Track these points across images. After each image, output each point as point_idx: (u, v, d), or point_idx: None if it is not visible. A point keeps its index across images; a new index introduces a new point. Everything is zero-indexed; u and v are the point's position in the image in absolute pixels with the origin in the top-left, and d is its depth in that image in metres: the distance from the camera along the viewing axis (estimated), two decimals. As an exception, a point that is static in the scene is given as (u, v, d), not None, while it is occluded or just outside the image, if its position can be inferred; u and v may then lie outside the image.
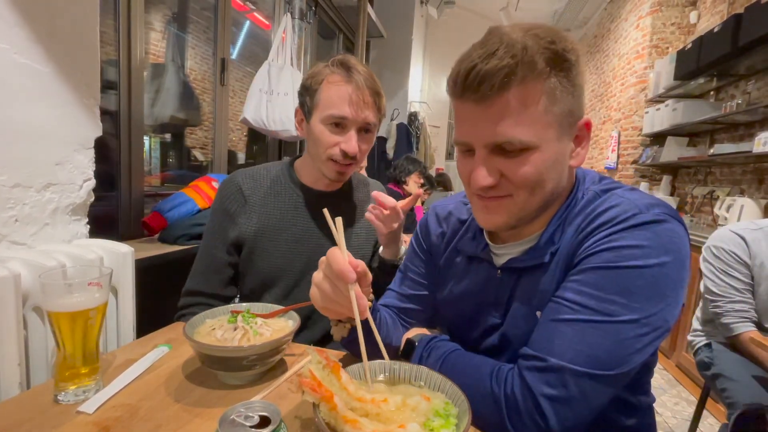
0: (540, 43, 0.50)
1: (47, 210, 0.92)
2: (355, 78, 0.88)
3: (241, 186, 0.98)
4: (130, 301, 1.01)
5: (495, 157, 0.55)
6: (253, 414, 0.42)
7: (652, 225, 0.51)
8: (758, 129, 2.70)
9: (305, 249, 0.97)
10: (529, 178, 0.54)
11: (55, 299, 0.56)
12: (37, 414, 0.54)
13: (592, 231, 0.55)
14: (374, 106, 0.91)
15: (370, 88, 0.89)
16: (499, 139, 0.53)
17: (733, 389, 1.21)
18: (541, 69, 0.50)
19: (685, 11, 3.79)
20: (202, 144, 2.37)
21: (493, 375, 0.56)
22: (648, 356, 0.52)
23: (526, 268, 0.62)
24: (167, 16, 2.06)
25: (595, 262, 0.52)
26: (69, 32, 0.93)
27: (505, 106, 0.51)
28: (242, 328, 0.66)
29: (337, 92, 0.88)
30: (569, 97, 0.53)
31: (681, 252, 0.52)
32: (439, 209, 0.81)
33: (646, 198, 0.55)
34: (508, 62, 0.49)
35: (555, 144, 0.54)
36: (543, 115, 0.52)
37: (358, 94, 0.88)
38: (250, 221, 0.96)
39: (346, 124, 0.90)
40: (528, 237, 0.63)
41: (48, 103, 0.90)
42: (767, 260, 1.27)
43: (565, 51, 0.51)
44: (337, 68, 0.90)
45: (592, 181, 0.62)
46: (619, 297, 0.50)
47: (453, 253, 0.75)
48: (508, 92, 0.51)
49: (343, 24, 3.92)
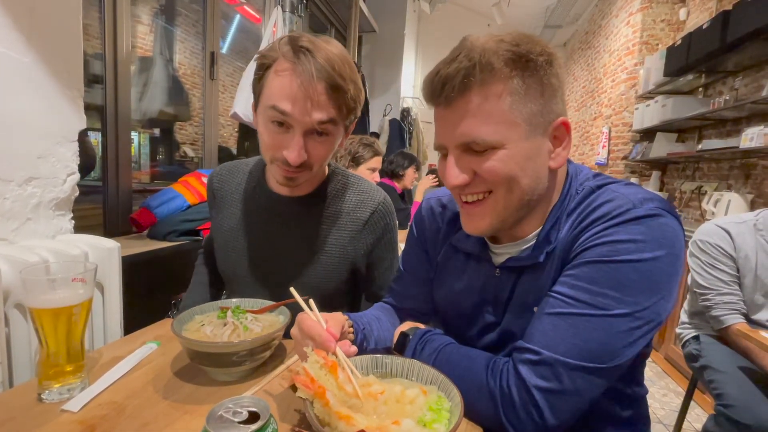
0: (501, 46, 0.52)
1: (29, 204, 0.90)
2: (305, 67, 0.68)
3: (213, 179, 0.95)
4: (117, 297, 1.00)
5: (466, 157, 0.57)
6: (241, 410, 0.41)
7: (645, 219, 0.52)
8: (745, 125, 2.74)
9: (263, 256, 0.87)
10: (499, 174, 0.55)
11: (38, 295, 0.54)
12: (20, 413, 0.52)
13: (587, 226, 0.55)
14: (331, 104, 0.71)
15: (326, 80, 0.68)
16: (466, 138, 0.55)
17: (720, 381, 1.23)
18: (499, 69, 0.52)
19: (674, 8, 3.82)
20: (192, 139, 2.34)
21: (489, 368, 0.56)
22: (641, 348, 0.52)
23: (525, 267, 0.62)
24: (155, 8, 2.02)
25: (589, 257, 0.53)
26: (50, 21, 0.91)
27: (468, 107, 0.54)
28: (232, 324, 0.65)
29: (280, 83, 0.69)
30: (538, 97, 0.54)
31: (675, 246, 0.52)
32: (434, 202, 0.80)
33: (641, 192, 0.55)
34: (465, 65, 0.52)
35: (523, 143, 0.55)
36: (507, 115, 0.53)
37: (306, 89, 0.68)
38: (216, 217, 0.93)
39: (290, 124, 0.71)
40: (525, 237, 0.63)
41: (29, 94, 0.87)
42: (751, 253, 1.30)
43: (530, 53, 0.52)
44: (288, 50, 0.69)
45: (587, 177, 0.62)
46: (613, 291, 0.51)
47: (450, 250, 0.74)
48: (470, 94, 0.53)
49: (334, 18, 3.88)
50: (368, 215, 0.87)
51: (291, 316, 0.69)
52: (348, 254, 0.86)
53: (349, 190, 0.89)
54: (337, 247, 0.86)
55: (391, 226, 0.91)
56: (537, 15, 5.84)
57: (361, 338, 0.67)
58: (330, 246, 0.86)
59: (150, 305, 0.98)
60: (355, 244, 0.86)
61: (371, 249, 0.89)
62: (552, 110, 0.56)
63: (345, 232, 0.86)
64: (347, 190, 0.88)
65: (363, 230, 0.86)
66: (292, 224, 0.86)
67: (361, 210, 0.87)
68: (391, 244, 0.92)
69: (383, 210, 0.88)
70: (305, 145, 0.72)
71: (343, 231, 0.86)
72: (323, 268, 0.85)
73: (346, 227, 0.86)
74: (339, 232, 0.86)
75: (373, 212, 0.87)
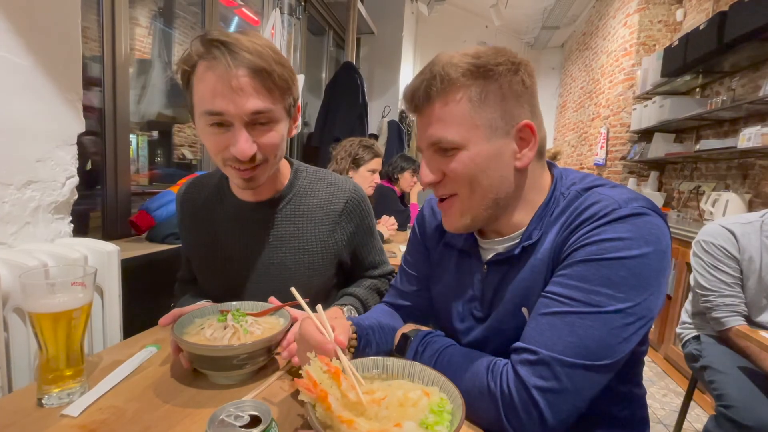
0: (463, 59, 0.58)
1: (28, 208, 0.89)
2: (220, 59, 0.65)
3: (182, 194, 0.93)
4: (117, 301, 0.99)
5: (437, 158, 0.62)
6: (243, 414, 0.41)
7: (631, 218, 0.54)
8: (742, 125, 2.75)
9: (246, 266, 0.85)
10: (460, 173, 0.60)
11: (37, 300, 0.54)
12: (20, 418, 0.52)
13: (576, 228, 0.57)
14: (260, 89, 0.68)
15: (245, 66, 0.66)
16: (432, 139, 0.61)
17: (721, 381, 1.23)
18: (456, 79, 0.58)
19: (671, 9, 3.84)
20: (190, 141, 2.34)
21: (489, 370, 0.57)
22: (635, 345, 0.53)
23: (510, 264, 0.64)
24: (153, 11, 2.02)
25: (579, 256, 0.55)
26: (49, 24, 0.90)
27: (433, 113, 0.60)
28: (232, 327, 0.65)
29: (204, 84, 0.67)
30: (498, 103, 0.58)
31: (661, 242, 0.54)
32: (434, 202, 0.81)
33: (626, 193, 0.58)
34: (428, 77, 0.59)
35: (484, 144, 0.59)
36: (468, 119, 0.58)
37: (227, 80, 0.65)
38: (188, 236, 0.92)
39: (228, 122, 0.69)
40: (510, 234, 0.66)
41: (28, 98, 0.87)
42: (756, 254, 1.29)
43: (488, 63, 0.58)
44: (200, 49, 0.68)
45: (573, 182, 0.64)
46: (605, 288, 0.52)
47: (445, 248, 0.77)
48: (434, 101, 0.60)
49: (332, 20, 3.89)
50: (342, 205, 0.87)
51: (291, 319, 0.69)
52: (329, 248, 0.86)
53: (317, 185, 0.88)
54: (318, 243, 0.85)
55: (367, 211, 0.92)
56: (534, 16, 5.86)
57: (364, 344, 0.67)
58: (310, 243, 0.85)
59: (149, 308, 0.98)
60: (335, 236, 0.87)
61: (351, 237, 0.89)
62: (515, 114, 0.59)
63: (322, 226, 0.86)
64: (315, 185, 0.88)
65: (340, 221, 0.87)
66: (264, 229, 0.85)
67: (334, 202, 0.87)
68: (370, 229, 0.93)
69: (356, 197, 0.89)
70: (251, 138, 0.70)
71: (320, 225, 0.86)
72: (307, 266, 0.85)
73: (323, 221, 0.86)
74: (316, 228, 0.85)
75: (347, 201, 0.88)
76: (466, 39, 6.13)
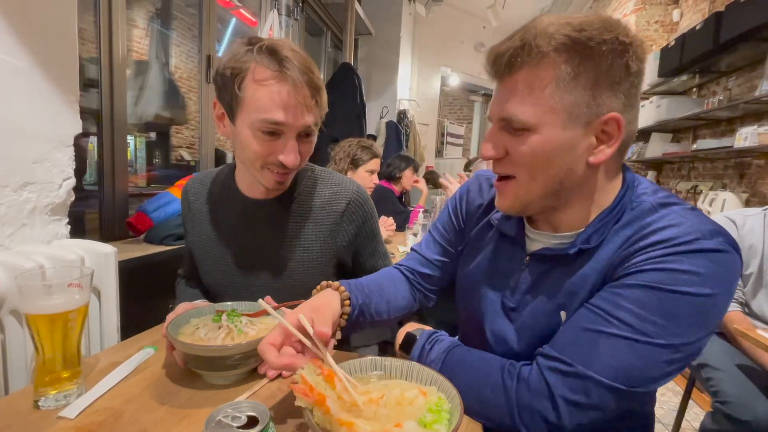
0: (562, 30, 0.50)
1: (25, 210, 0.89)
2: (289, 74, 0.70)
3: (189, 191, 0.94)
4: (114, 302, 0.99)
5: (504, 134, 0.57)
6: (240, 414, 0.41)
7: (713, 254, 0.49)
8: (739, 125, 2.76)
9: (247, 262, 0.87)
10: (526, 157, 0.55)
11: (33, 301, 0.54)
12: (17, 420, 0.52)
13: (645, 247, 0.52)
14: (313, 105, 0.74)
15: (308, 84, 0.72)
16: (504, 114, 0.55)
17: (718, 378, 1.24)
18: (547, 54, 0.51)
19: (668, 9, 3.85)
20: (188, 143, 2.33)
21: (505, 369, 0.56)
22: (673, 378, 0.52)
23: (557, 262, 0.60)
24: (150, 12, 2.02)
25: (643, 280, 0.50)
26: (46, 25, 0.90)
27: (514, 86, 0.54)
28: (226, 327, 0.65)
29: (268, 94, 0.70)
30: (587, 87, 0.51)
31: (732, 285, 0.51)
32: (483, 179, 0.79)
33: (709, 224, 0.52)
34: (516, 44, 0.52)
35: (558, 131, 0.53)
36: (547, 100, 0.52)
37: (295, 95, 0.70)
38: (193, 230, 0.92)
39: (282, 131, 0.73)
40: (566, 233, 0.61)
41: (24, 99, 0.87)
42: (757, 242, 1.33)
43: (590, 40, 0.49)
44: (265, 58, 0.70)
45: (644, 191, 0.59)
46: (663, 319, 0.49)
47: (486, 227, 0.73)
48: (519, 73, 0.53)
49: (330, 21, 3.89)
50: (344, 206, 0.87)
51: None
52: (329, 247, 0.87)
53: (320, 185, 0.89)
54: (318, 242, 0.86)
55: (370, 214, 0.91)
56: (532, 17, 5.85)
57: (357, 313, 0.65)
58: (310, 242, 0.86)
59: (147, 310, 0.98)
60: (335, 236, 0.87)
61: (353, 239, 0.89)
62: (603, 103, 0.52)
63: (323, 226, 0.86)
64: (319, 185, 0.89)
65: (341, 221, 0.87)
66: (269, 226, 0.86)
67: (336, 202, 0.87)
68: (372, 231, 0.93)
69: (359, 199, 0.89)
70: (297, 147, 0.75)
71: (321, 225, 0.86)
72: (306, 265, 0.86)
73: (324, 221, 0.86)
74: (317, 227, 0.86)
75: (349, 203, 0.87)
76: (464, 40, 6.14)
